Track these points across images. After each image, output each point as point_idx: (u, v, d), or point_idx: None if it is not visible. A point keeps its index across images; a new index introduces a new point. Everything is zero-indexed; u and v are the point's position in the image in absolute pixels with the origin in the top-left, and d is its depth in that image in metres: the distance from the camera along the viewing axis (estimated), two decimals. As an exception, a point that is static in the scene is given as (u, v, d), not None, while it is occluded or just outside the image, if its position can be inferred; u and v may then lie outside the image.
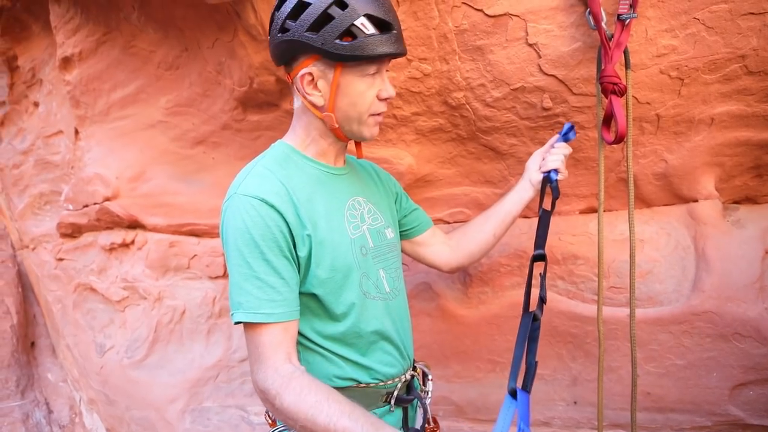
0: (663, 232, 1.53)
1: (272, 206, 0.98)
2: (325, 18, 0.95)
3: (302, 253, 1.01)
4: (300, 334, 1.08)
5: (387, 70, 1.07)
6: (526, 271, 1.66)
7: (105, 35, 2.13)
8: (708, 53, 1.22)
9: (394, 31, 0.99)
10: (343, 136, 1.09)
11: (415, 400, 1.21)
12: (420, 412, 1.26)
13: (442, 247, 1.38)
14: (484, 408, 1.76)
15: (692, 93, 1.31)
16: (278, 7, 1.01)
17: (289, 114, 1.72)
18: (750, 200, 1.57)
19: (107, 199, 2.42)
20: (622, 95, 1.17)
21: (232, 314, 0.99)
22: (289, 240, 1.00)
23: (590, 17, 1.18)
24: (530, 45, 1.30)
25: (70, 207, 2.71)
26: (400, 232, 1.33)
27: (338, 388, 1.08)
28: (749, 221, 1.50)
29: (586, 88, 1.33)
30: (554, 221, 1.66)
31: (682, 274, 1.48)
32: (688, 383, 1.48)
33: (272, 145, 1.14)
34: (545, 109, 1.40)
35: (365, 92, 1.03)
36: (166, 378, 2.38)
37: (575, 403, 1.64)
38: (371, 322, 1.10)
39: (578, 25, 1.25)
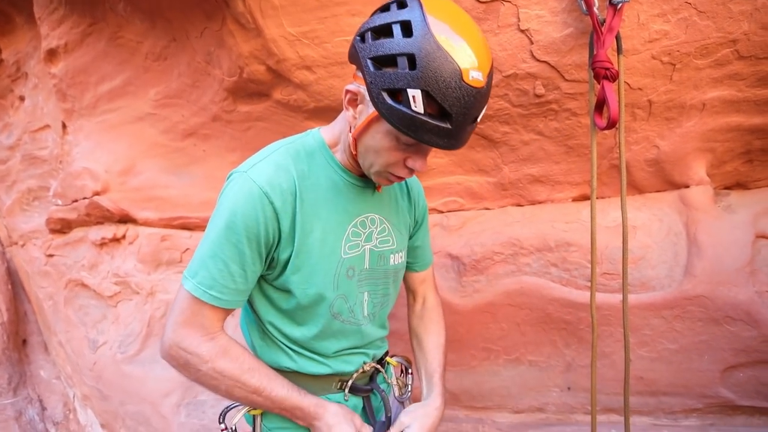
0: (655, 218, 1.54)
1: (272, 204, 0.94)
2: (390, 60, 0.83)
3: (283, 255, 0.99)
4: (260, 319, 1.07)
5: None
6: (520, 260, 1.68)
7: (91, 26, 2.09)
8: (700, 38, 1.22)
9: (448, 125, 0.83)
10: (358, 164, 1.01)
11: (375, 391, 1.17)
12: (396, 405, 1.24)
13: (414, 304, 1.34)
14: (479, 395, 1.77)
15: (684, 78, 1.31)
16: (377, 11, 0.90)
17: (280, 104, 1.70)
18: (741, 186, 1.58)
19: (97, 194, 2.39)
20: (614, 80, 1.17)
21: (184, 277, 0.97)
22: (275, 239, 0.97)
23: (582, 2, 1.18)
24: (522, 31, 1.29)
25: (59, 202, 2.68)
26: None
27: (285, 372, 1.07)
28: (740, 206, 1.51)
29: (579, 74, 1.32)
30: (548, 209, 1.68)
31: (674, 260, 1.49)
32: (680, 367, 1.50)
33: (308, 131, 1.08)
34: (538, 96, 1.40)
35: (390, 151, 0.92)
36: (160, 372, 2.36)
37: (569, 388, 1.65)
38: (338, 341, 1.09)
39: (570, 10, 1.24)
